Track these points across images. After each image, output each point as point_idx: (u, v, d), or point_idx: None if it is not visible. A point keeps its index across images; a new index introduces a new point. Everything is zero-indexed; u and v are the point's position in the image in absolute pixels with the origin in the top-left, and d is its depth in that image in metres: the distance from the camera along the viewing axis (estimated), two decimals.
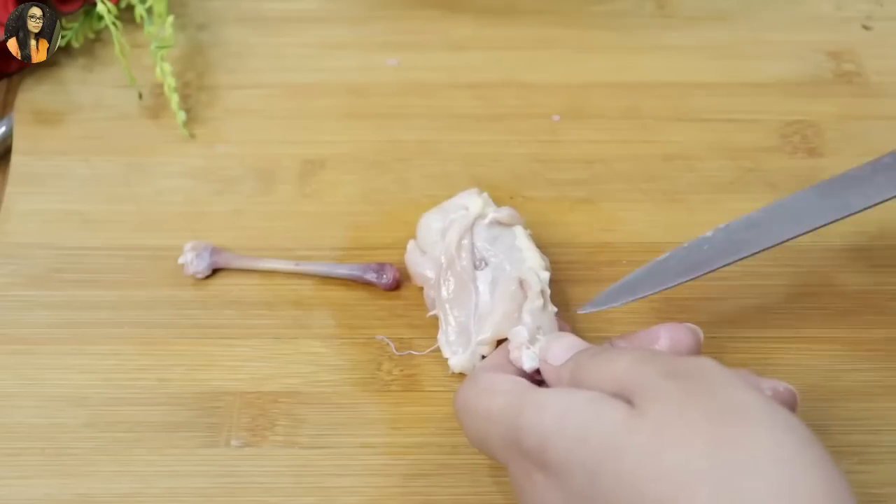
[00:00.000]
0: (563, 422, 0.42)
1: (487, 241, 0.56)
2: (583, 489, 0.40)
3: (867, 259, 0.60)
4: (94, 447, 0.53)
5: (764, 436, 0.38)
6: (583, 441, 0.40)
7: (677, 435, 0.39)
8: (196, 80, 0.68)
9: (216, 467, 0.52)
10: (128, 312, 0.57)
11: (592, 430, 0.41)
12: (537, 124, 0.66)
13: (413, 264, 0.57)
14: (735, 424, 0.39)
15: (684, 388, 0.40)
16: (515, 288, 0.53)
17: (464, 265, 0.55)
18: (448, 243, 0.55)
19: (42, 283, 0.59)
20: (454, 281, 0.55)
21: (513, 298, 0.53)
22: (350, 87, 0.68)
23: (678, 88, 0.68)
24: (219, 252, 0.59)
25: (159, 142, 0.65)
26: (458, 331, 0.54)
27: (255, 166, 0.64)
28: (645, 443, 0.39)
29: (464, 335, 0.54)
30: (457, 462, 0.52)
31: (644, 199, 0.62)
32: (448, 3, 0.72)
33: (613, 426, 0.40)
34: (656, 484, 0.38)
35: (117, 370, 0.55)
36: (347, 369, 0.55)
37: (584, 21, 0.71)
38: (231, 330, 0.57)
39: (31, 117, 0.66)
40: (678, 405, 0.39)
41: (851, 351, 0.56)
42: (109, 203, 0.62)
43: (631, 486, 0.39)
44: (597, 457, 0.40)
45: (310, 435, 0.53)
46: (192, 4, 0.72)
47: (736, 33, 0.71)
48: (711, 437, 0.38)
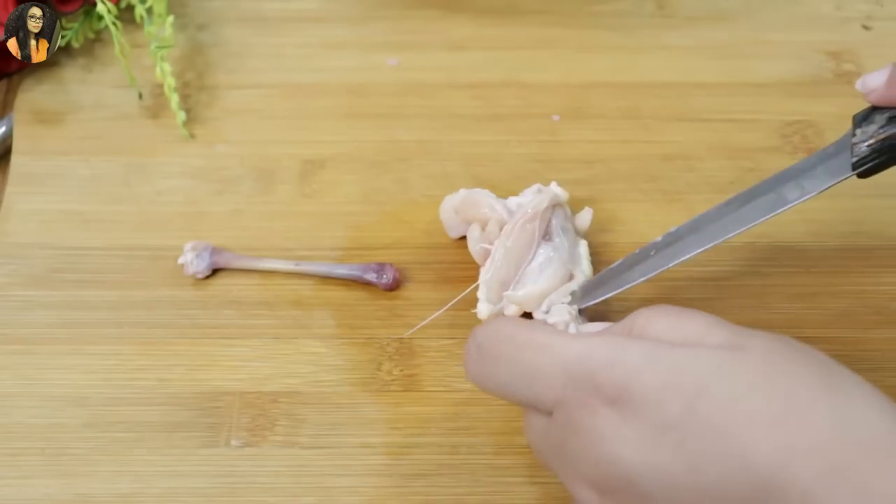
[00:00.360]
0: (657, 354, 0.40)
1: (561, 224, 0.56)
2: (675, 417, 0.39)
3: (866, 259, 0.60)
4: (94, 447, 0.53)
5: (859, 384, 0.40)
6: (681, 372, 0.40)
7: (786, 368, 0.39)
8: (196, 80, 0.68)
9: (216, 467, 0.52)
10: (128, 312, 0.57)
11: (692, 361, 0.40)
12: (537, 124, 0.66)
13: (480, 197, 0.57)
14: (832, 370, 0.40)
15: (775, 338, 0.41)
16: (563, 275, 0.54)
17: (537, 226, 0.55)
18: (537, 202, 0.55)
19: (42, 283, 0.58)
20: (522, 235, 0.55)
21: (558, 282, 0.54)
22: (350, 87, 0.68)
23: (678, 88, 0.68)
24: (219, 252, 0.59)
25: (159, 142, 0.65)
26: (499, 280, 0.54)
27: (255, 166, 0.64)
28: (754, 370, 0.39)
29: (501, 286, 0.54)
30: (457, 462, 0.52)
31: (644, 199, 0.62)
32: (448, 3, 0.72)
33: (718, 356, 0.40)
34: (769, 404, 0.38)
35: (117, 370, 0.55)
36: (347, 369, 0.55)
37: (584, 21, 0.71)
38: (231, 330, 0.57)
39: (31, 117, 0.66)
40: (781, 347, 0.40)
41: (851, 351, 0.56)
42: (109, 203, 0.62)
43: (740, 409, 0.38)
44: (700, 382, 0.39)
45: (310, 435, 0.53)
46: (192, 4, 0.72)
47: (736, 33, 0.71)
48: (817, 374, 0.39)
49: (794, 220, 0.59)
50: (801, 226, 0.60)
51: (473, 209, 0.57)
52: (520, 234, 0.55)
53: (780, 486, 0.37)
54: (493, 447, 0.53)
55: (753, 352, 0.40)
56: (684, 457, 0.39)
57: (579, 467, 0.41)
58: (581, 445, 0.41)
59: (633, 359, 0.41)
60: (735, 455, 0.38)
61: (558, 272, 0.54)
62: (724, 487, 0.38)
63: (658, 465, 0.39)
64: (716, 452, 0.38)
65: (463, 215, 0.58)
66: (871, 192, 0.62)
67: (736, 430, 0.38)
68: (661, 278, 0.58)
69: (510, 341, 0.44)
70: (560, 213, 0.56)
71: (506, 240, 0.55)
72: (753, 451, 0.38)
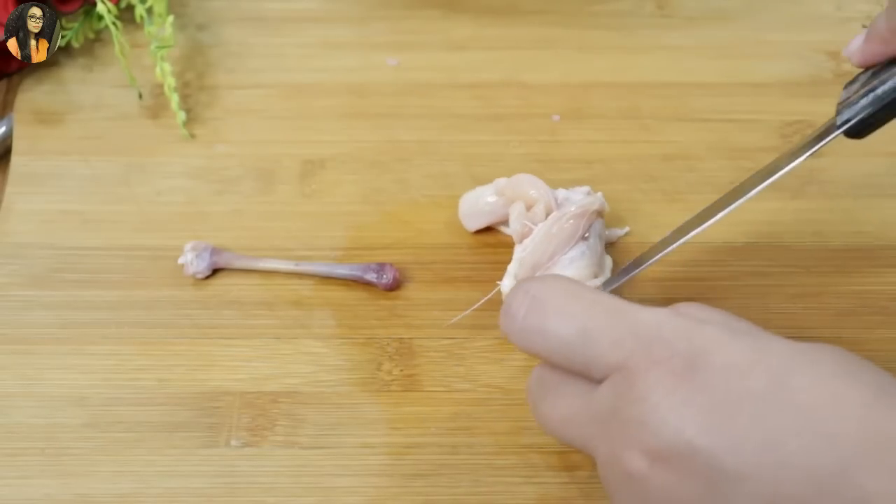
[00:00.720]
0: (734, 334, 0.40)
1: (598, 231, 0.56)
2: (760, 391, 0.38)
3: (868, 259, 0.59)
4: (94, 447, 0.52)
5: None
6: (763, 351, 0.40)
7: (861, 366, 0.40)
8: (196, 80, 0.68)
9: (216, 467, 0.52)
10: (128, 312, 0.57)
11: (771, 344, 0.40)
12: (537, 124, 0.66)
13: (532, 178, 0.57)
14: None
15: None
16: (590, 274, 0.55)
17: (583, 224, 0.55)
18: (589, 203, 0.56)
19: (42, 283, 0.58)
20: (567, 226, 0.55)
21: (584, 278, 0.54)
22: (350, 86, 0.68)
23: (678, 88, 0.68)
24: (219, 252, 0.59)
25: (159, 142, 0.65)
26: (532, 261, 0.55)
27: (256, 166, 0.64)
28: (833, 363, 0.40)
29: (532, 268, 0.55)
30: (457, 462, 0.52)
31: (644, 200, 0.62)
32: (448, 3, 0.72)
33: (793, 346, 0.40)
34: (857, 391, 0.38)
35: (117, 370, 0.55)
36: (347, 369, 0.55)
37: (584, 21, 0.71)
38: (231, 330, 0.57)
39: (31, 117, 0.66)
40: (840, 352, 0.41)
41: (852, 350, 0.55)
42: (109, 203, 0.62)
43: (828, 391, 0.38)
44: (785, 362, 0.39)
45: (310, 435, 0.53)
46: (192, 4, 0.72)
47: (736, 33, 0.71)
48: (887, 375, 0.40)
49: (795, 220, 0.59)
50: (802, 226, 0.60)
51: (522, 188, 0.57)
52: (565, 224, 0.55)
53: (864, 467, 0.36)
54: (493, 447, 0.52)
55: (828, 352, 0.40)
56: (763, 430, 0.38)
57: (636, 434, 0.40)
58: (643, 411, 0.39)
59: (715, 332, 0.40)
60: (821, 433, 0.37)
61: (586, 269, 0.54)
62: (804, 463, 0.37)
63: (732, 437, 0.38)
64: (799, 428, 0.37)
65: (509, 194, 0.58)
66: (873, 193, 0.62)
67: (824, 409, 0.38)
68: (662, 278, 0.58)
69: (574, 297, 0.43)
70: (600, 222, 0.57)
71: (551, 225, 0.55)
72: (841, 432, 0.37)
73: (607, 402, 0.41)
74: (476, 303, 0.55)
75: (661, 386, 0.39)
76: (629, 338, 0.41)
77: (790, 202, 0.62)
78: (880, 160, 0.64)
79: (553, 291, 0.43)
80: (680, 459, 0.39)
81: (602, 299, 0.43)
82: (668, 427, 0.39)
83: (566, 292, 0.43)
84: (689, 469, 0.39)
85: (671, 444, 0.39)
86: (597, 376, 0.42)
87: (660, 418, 0.39)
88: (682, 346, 0.40)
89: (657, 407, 0.39)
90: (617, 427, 0.41)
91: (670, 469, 0.39)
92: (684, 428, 0.38)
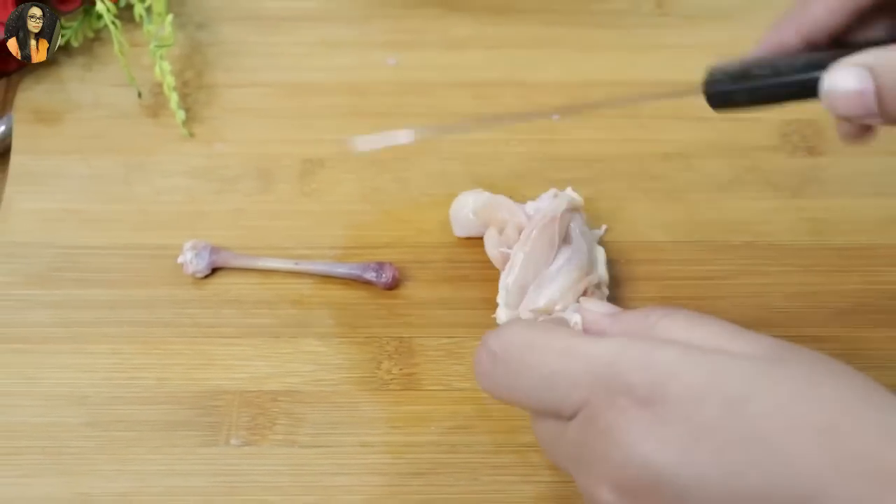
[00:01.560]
0: (694, 358, 0.40)
1: (579, 228, 0.56)
2: (716, 421, 0.38)
3: (866, 258, 0.60)
4: (94, 446, 0.53)
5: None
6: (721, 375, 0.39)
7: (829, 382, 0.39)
8: (195, 78, 0.68)
9: (216, 466, 0.52)
10: (127, 311, 0.57)
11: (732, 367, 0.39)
12: (537, 123, 0.66)
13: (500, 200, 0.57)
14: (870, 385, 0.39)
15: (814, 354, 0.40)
16: (579, 276, 0.54)
17: (556, 230, 0.55)
18: (556, 206, 0.56)
19: (42, 282, 0.59)
20: (541, 239, 0.55)
21: (575, 280, 0.54)
22: (349, 86, 0.68)
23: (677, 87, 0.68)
24: (218, 251, 0.59)
25: (158, 141, 0.65)
26: (519, 285, 0.54)
27: (255, 165, 0.64)
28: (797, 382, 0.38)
29: (521, 291, 0.54)
30: (455, 461, 0.52)
31: (644, 198, 0.62)
32: (447, 2, 0.72)
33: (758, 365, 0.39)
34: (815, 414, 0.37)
35: (117, 369, 0.55)
36: (347, 368, 0.55)
37: (583, 20, 0.71)
38: (230, 329, 0.57)
39: (30, 116, 0.66)
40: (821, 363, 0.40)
41: (851, 350, 0.56)
42: (109, 202, 0.62)
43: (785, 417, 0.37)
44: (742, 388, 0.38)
45: (309, 434, 0.53)
46: (190, 3, 0.72)
47: (734, 32, 0.71)
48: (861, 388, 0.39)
49: (794, 219, 0.59)
50: (801, 224, 0.60)
51: (492, 213, 0.57)
52: (538, 238, 0.55)
53: (829, 493, 0.36)
54: (490, 446, 0.53)
55: (794, 365, 0.39)
56: (723, 462, 0.38)
57: (602, 469, 0.40)
58: (607, 447, 0.40)
59: (669, 360, 0.40)
60: (780, 462, 0.37)
61: (576, 272, 0.54)
62: (765, 493, 0.37)
63: (693, 469, 0.38)
64: (758, 459, 0.37)
65: (482, 218, 0.58)
66: (871, 192, 0.63)
67: (781, 437, 0.37)
68: (661, 277, 0.58)
69: (528, 348, 0.43)
70: (578, 218, 0.57)
71: (524, 245, 0.55)
72: (800, 459, 0.37)
73: (576, 440, 0.42)
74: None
75: (623, 419, 0.39)
76: (585, 377, 0.41)
77: (789, 201, 0.62)
78: (878, 160, 0.64)
79: (510, 345, 0.43)
80: (646, 491, 0.39)
81: (555, 342, 0.42)
82: (633, 460, 0.39)
83: (522, 344, 0.43)
84: (655, 500, 0.39)
85: (640, 478, 0.39)
86: (567, 416, 0.42)
87: (623, 453, 0.39)
88: (638, 377, 0.40)
89: (620, 442, 0.39)
90: (586, 463, 0.41)
91: (637, 501, 0.39)
92: (647, 460, 0.39)
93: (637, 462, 0.39)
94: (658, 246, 0.59)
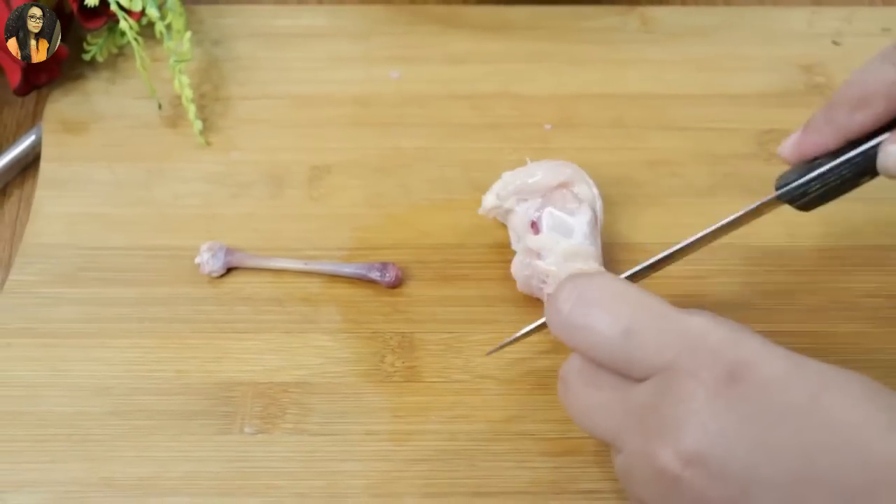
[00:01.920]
0: (776, 348, 0.40)
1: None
2: (798, 406, 0.38)
3: (838, 259, 0.59)
4: (117, 434, 0.52)
5: None
6: (803, 367, 0.39)
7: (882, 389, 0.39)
8: (211, 91, 0.68)
9: (230, 453, 0.52)
10: (148, 308, 0.57)
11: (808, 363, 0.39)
12: (530, 132, 0.66)
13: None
14: None
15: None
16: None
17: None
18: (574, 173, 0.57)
19: (68, 280, 0.58)
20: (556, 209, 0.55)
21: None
22: (355, 97, 0.67)
23: (661, 99, 0.68)
24: (232, 252, 0.59)
25: (177, 149, 0.65)
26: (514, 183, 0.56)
27: (267, 172, 0.63)
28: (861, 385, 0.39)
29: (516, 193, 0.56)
30: (455, 448, 0.52)
31: (629, 203, 0.62)
32: (447, 19, 0.72)
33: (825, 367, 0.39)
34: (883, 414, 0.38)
35: (138, 362, 0.55)
36: (353, 361, 0.55)
37: (574, 36, 0.71)
38: (244, 325, 0.57)
39: (58, 126, 0.66)
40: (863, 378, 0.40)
41: (824, 344, 0.56)
42: (131, 206, 0.62)
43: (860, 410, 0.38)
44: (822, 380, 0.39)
45: (318, 423, 0.53)
46: (207, 21, 0.72)
47: (715, 48, 0.71)
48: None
49: (771, 222, 0.59)
50: (778, 227, 0.60)
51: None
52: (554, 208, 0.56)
53: (892, 482, 0.36)
54: (489, 434, 0.52)
55: (852, 376, 0.39)
56: (799, 445, 0.37)
57: (673, 435, 0.39)
58: (683, 413, 0.38)
59: (756, 345, 0.39)
60: (852, 452, 0.37)
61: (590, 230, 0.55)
62: (836, 477, 0.37)
63: (769, 448, 0.37)
64: (833, 446, 0.37)
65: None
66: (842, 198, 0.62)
67: (855, 429, 0.37)
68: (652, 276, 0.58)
69: (623, 298, 0.42)
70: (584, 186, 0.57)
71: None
72: (872, 451, 0.37)
73: (647, 400, 0.40)
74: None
75: (704, 392, 0.39)
76: (676, 343, 0.40)
77: None
78: None
79: (601, 290, 0.42)
80: (716, 464, 0.38)
81: (649, 302, 0.42)
82: (708, 432, 0.38)
83: (614, 292, 0.42)
84: (722, 475, 0.38)
85: (708, 449, 0.38)
86: (637, 375, 0.41)
87: (700, 423, 0.38)
88: (727, 355, 0.39)
89: (699, 412, 0.38)
90: (654, 424, 0.40)
91: (704, 472, 0.38)
92: (723, 435, 0.38)
93: (712, 434, 0.38)
94: (643, 248, 0.59)
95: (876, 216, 0.61)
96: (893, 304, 0.57)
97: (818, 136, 0.49)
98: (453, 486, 0.51)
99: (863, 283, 0.59)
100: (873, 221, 0.61)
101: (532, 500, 0.50)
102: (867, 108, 0.47)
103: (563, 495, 0.50)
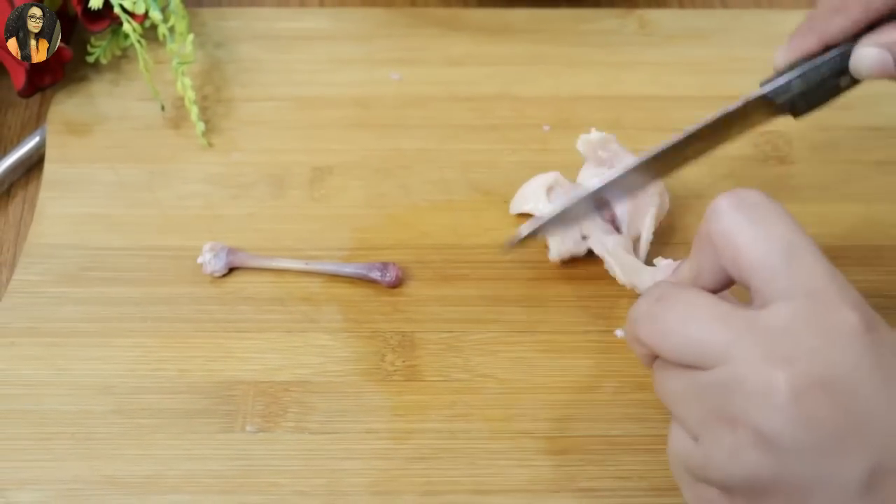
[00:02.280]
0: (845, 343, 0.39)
1: None
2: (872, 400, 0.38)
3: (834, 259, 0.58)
4: (120, 432, 0.52)
5: None
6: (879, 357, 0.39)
7: None
8: (214, 93, 0.68)
9: (232, 451, 0.52)
10: (150, 308, 0.57)
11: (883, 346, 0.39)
12: (529, 134, 0.66)
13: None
14: None
15: None
16: None
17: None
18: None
19: (72, 280, 0.58)
20: None
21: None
22: (356, 99, 0.67)
23: (658, 101, 0.67)
24: (234, 252, 0.58)
25: (180, 150, 0.65)
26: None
27: (268, 173, 0.63)
28: None
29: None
30: (454, 446, 0.52)
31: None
32: (447, 21, 0.72)
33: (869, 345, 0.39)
34: None
35: (141, 361, 0.55)
36: (353, 360, 0.55)
37: (572, 39, 0.71)
38: (246, 324, 0.56)
39: (62, 128, 0.66)
40: None
41: None
42: (134, 207, 0.62)
43: None
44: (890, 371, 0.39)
45: (318, 421, 0.53)
46: (210, 24, 0.72)
47: (712, 50, 0.70)
48: None
49: None
50: None
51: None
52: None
53: None
54: (488, 433, 0.52)
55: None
56: (876, 435, 0.37)
57: (743, 419, 0.38)
58: (753, 406, 0.38)
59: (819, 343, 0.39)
60: None
61: None
62: None
63: (842, 441, 0.37)
64: None
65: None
66: (839, 198, 0.62)
67: None
68: None
69: (694, 299, 0.41)
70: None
71: None
72: None
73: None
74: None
75: (776, 386, 0.38)
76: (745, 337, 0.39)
77: None
78: (844, 167, 0.64)
79: (678, 294, 0.42)
80: (783, 452, 0.37)
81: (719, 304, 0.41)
82: (781, 421, 0.37)
83: (691, 296, 0.42)
84: (791, 459, 0.38)
85: (781, 440, 0.37)
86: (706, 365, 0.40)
87: (769, 415, 0.38)
88: (803, 356, 0.38)
89: (770, 405, 0.38)
90: (730, 410, 0.39)
91: (774, 456, 0.38)
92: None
93: (784, 421, 0.37)
94: None
95: (870, 216, 0.61)
96: (888, 304, 0.57)
97: (802, 42, 0.51)
98: (453, 485, 0.50)
99: (857, 282, 0.58)
100: (867, 221, 0.61)
101: (531, 498, 0.50)
102: (844, 13, 0.50)
103: (561, 493, 0.50)
